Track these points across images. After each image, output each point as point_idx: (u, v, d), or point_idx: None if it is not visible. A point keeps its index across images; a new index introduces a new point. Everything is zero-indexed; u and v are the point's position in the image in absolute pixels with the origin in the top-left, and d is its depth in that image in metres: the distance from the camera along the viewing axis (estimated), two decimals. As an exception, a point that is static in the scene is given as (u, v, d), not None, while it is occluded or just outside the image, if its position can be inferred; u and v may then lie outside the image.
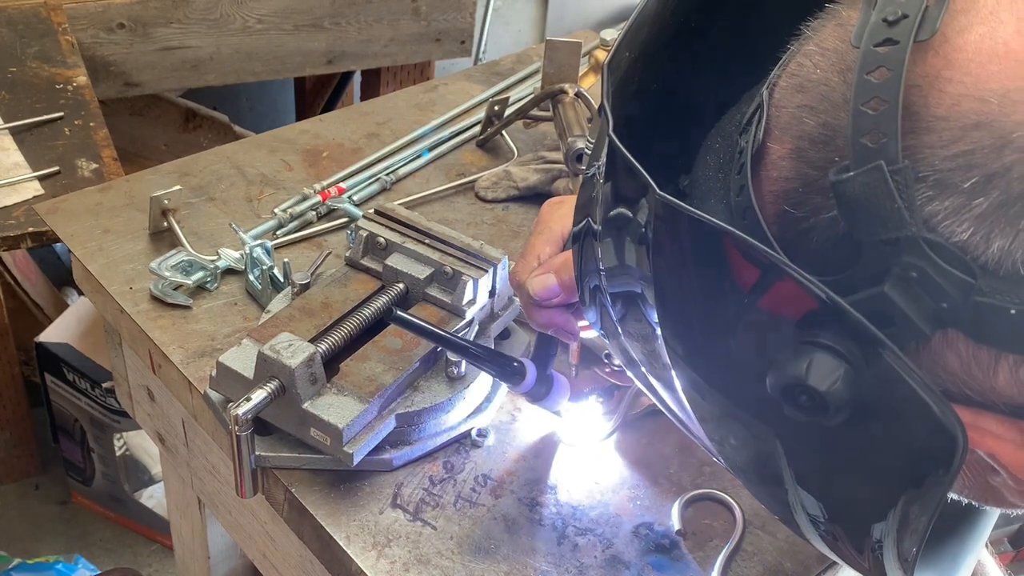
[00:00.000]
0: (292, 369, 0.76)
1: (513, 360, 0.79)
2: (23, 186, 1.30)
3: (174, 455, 1.06)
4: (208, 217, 1.05)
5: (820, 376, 0.43)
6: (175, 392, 0.92)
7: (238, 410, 0.74)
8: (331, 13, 1.89)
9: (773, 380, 0.44)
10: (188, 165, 1.13)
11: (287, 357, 0.76)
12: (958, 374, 0.44)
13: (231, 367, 0.80)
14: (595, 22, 3.04)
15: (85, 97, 1.48)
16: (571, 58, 1.17)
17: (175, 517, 1.23)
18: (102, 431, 1.91)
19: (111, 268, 0.98)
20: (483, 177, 1.14)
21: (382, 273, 0.89)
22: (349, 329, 0.84)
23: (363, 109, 1.27)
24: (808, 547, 0.78)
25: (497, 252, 0.89)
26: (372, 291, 0.88)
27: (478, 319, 0.89)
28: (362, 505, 0.78)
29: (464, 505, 0.80)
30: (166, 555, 2.00)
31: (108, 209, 1.05)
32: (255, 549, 0.96)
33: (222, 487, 0.97)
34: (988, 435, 0.45)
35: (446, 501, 0.80)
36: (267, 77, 1.92)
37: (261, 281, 0.95)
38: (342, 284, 0.89)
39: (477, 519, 0.79)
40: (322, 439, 0.77)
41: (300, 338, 0.79)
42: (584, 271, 0.59)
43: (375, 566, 0.74)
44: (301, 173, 1.14)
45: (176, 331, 0.92)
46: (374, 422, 0.79)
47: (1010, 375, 0.43)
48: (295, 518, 0.80)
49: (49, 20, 1.63)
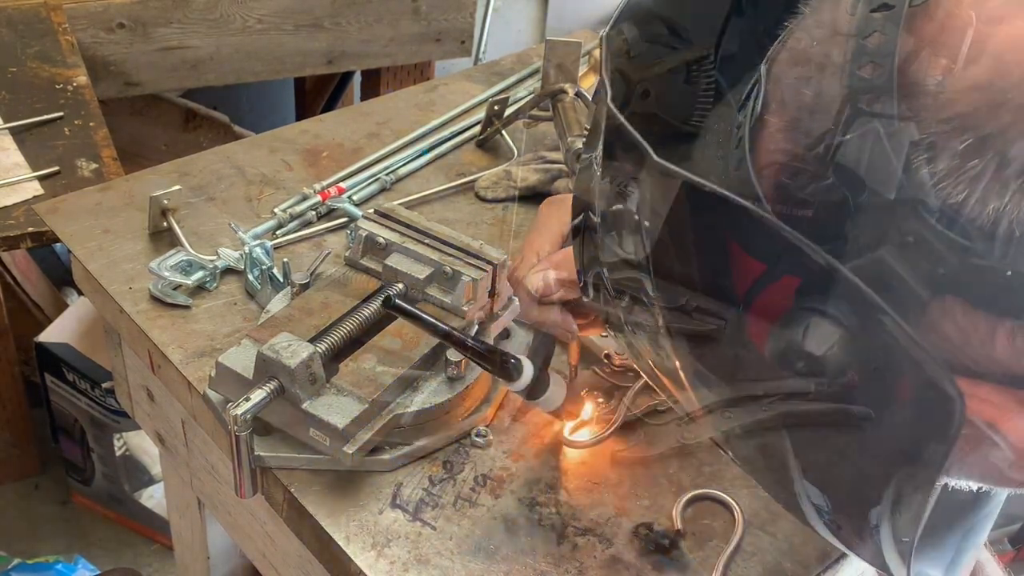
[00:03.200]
0: (292, 369, 0.75)
1: (511, 357, 0.79)
2: (23, 186, 1.30)
3: (173, 455, 1.06)
4: (208, 217, 1.05)
5: (817, 341, 0.42)
6: (174, 392, 0.92)
7: (237, 410, 0.74)
8: (331, 13, 1.89)
9: (771, 346, 0.44)
10: (188, 165, 1.13)
11: (286, 357, 0.76)
12: (956, 344, 0.44)
13: (231, 367, 0.80)
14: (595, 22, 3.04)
15: (85, 97, 1.48)
16: (571, 58, 1.17)
17: (175, 517, 1.23)
18: (102, 431, 1.91)
19: (111, 268, 0.98)
20: (483, 177, 1.14)
21: (381, 273, 0.89)
22: (349, 329, 0.83)
23: (363, 109, 1.27)
24: (808, 547, 0.79)
25: (497, 252, 0.89)
26: (372, 291, 0.88)
27: (477, 319, 0.89)
28: (362, 505, 0.78)
29: (464, 505, 0.80)
30: (166, 555, 2.00)
31: (108, 209, 1.05)
32: (254, 549, 0.96)
33: (221, 487, 0.97)
34: (987, 404, 0.45)
35: (446, 501, 0.80)
36: (267, 77, 1.92)
37: (260, 281, 0.95)
38: (342, 284, 0.89)
39: (477, 519, 0.79)
40: (321, 439, 0.77)
41: (299, 338, 0.79)
42: (586, 262, 0.59)
43: (374, 566, 0.74)
44: (301, 173, 1.14)
45: (175, 331, 0.92)
46: (374, 422, 0.79)
47: (1008, 344, 0.43)
48: (294, 518, 0.80)
49: (49, 20, 1.63)
